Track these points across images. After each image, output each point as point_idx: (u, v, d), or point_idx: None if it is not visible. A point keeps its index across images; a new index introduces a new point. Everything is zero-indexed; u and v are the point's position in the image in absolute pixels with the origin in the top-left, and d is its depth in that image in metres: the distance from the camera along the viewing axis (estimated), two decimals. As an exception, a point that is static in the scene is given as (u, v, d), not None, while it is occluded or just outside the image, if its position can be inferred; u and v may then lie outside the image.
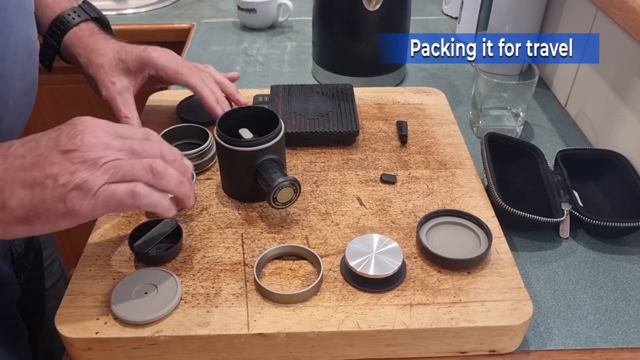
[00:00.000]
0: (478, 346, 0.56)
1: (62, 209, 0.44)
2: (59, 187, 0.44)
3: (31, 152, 0.45)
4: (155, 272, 0.58)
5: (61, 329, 0.53)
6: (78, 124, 0.46)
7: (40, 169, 0.44)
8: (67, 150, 0.44)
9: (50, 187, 0.44)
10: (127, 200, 0.46)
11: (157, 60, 0.69)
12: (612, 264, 0.67)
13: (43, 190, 0.44)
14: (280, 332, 0.53)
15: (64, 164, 0.44)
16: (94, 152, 0.45)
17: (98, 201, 0.45)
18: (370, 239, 0.60)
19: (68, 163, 0.44)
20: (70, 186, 0.44)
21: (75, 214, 0.45)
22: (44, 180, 0.44)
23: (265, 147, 0.64)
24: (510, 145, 0.79)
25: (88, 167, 0.44)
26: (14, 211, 0.44)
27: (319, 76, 1.05)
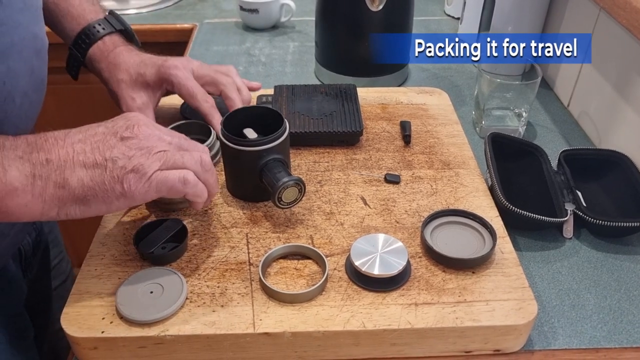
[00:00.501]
0: (483, 345, 0.56)
1: (119, 190, 0.48)
2: (117, 169, 0.48)
3: (90, 138, 0.48)
4: (160, 271, 0.58)
5: (67, 328, 0.53)
6: (132, 117, 0.51)
7: (100, 152, 0.48)
8: (124, 137, 0.49)
9: (110, 169, 0.48)
10: (178, 186, 0.51)
11: (174, 78, 0.69)
12: (615, 263, 0.67)
13: (103, 172, 0.48)
14: (286, 332, 0.53)
15: (122, 148, 0.48)
16: (149, 141, 0.50)
17: (152, 185, 0.49)
18: (375, 238, 0.60)
19: (126, 148, 0.48)
20: (129, 169, 0.48)
21: (130, 196, 0.49)
22: (104, 162, 0.48)
23: (270, 147, 0.64)
24: (513, 146, 0.79)
25: (144, 153, 0.49)
26: (74, 190, 0.47)
27: (321, 76, 1.05)
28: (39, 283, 0.77)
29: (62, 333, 0.53)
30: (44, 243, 0.78)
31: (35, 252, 0.74)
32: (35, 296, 0.75)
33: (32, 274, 0.74)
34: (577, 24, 0.95)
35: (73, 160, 0.47)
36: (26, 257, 0.71)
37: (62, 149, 0.48)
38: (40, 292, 0.78)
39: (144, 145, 0.49)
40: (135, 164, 0.48)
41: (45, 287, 0.80)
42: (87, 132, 0.49)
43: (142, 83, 0.70)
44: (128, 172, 0.48)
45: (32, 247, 0.72)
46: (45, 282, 0.79)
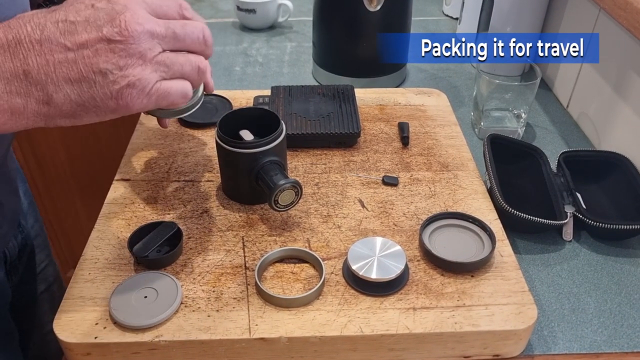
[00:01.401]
0: (482, 350, 0.55)
1: (113, 106, 0.43)
2: (109, 84, 0.42)
3: (70, 38, 0.41)
4: (155, 275, 0.57)
5: (60, 333, 0.52)
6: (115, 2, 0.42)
7: (86, 63, 0.41)
8: (111, 40, 0.41)
9: (100, 84, 0.42)
10: (179, 100, 0.46)
11: None
12: (616, 266, 0.66)
13: (92, 87, 0.42)
14: (282, 337, 0.52)
15: (110, 57, 0.41)
16: (142, 44, 0.42)
17: (151, 99, 0.44)
18: (373, 242, 0.59)
19: (115, 56, 0.41)
20: (123, 84, 0.42)
21: (125, 111, 0.44)
22: (92, 76, 0.41)
23: (266, 149, 0.63)
24: (512, 147, 0.79)
25: (139, 63, 0.42)
26: (61, 106, 0.42)
27: (319, 77, 1.04)
28: (24, 287, 0.75)
29: (49, 337, 0.52)
30: (30, 247, 0.76)
31: (20, 256, 0.73)
32: (20, 300, 0.74)
33: (17, 277, 0.73)
34: (576, 24, 0.94)
35: (55, 72, 0.41)
36: (11, 261, 0.70)
37: (39, 57, 0.40)
38: (26, 296, 0.77)
39: (135, 50, 0.42)
40: (131, 79, 0.42)
41: (31, 291, 0.78)
42: (63, 26, 0.41)
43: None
44: (123, 88, 0.42)
45: (17, 251, 0.71)
46: (30, 286, 0.78)
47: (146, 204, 0.67)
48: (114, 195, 0.68)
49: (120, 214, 0.66)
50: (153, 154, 0.75)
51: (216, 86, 1.03)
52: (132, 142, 0.78)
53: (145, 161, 0.74)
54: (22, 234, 0.73)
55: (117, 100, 0.43)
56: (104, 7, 0.42)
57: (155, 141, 0.78)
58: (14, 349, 0.71)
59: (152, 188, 0.70)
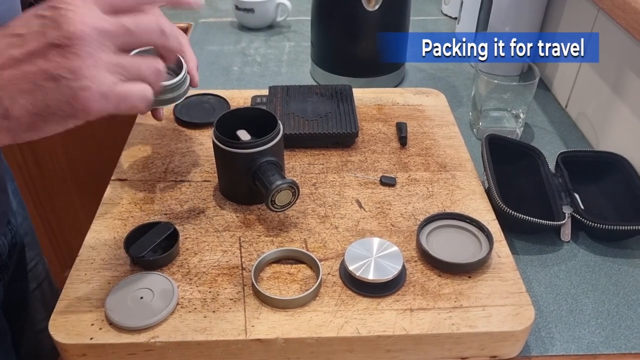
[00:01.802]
0: (479, 352, 0.55)
1: (69, 111, 0.41)
2: (62, 89, 0.40)
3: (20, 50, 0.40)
4: (151, 276, 0.57)
5: (55, 334, 0.52)
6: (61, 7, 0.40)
7: (37, 71, 0.40)
8: (59, 44, 0.39)
9: (53, 90, 0.40)
10: (140, 103, 0.44)
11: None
12: (613, 267, 0.66)
13: (45, 94, 0.40)
14: (279, 338, 0.52)
15: (61, 62, 0.40)
16: (91, 44, 0.40)
17: (110, 102, 0.42)
18: (370, 242, 0.59)
19: (65, 60, 0.40)
20: (76, 87, 0.40)
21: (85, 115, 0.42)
22: (44, 83, 0.40)
23: (263, 149, 0.63)
24: (510, 147, 0.78)
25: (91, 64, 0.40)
26: (20, 119, 0.41)
27: (317, 77, 1.04)
28: (15, 285, 0.75)
29: (41, 335, 0.52)
30: (20, 245, 0.76)
31: (10, 254, 0.72)
32: (11, 299, 0.74)
33: (7, 276, 0.72)
34: (575, 24, 0.94)
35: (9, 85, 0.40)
36: (1, 259, 0.70)
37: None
38: (17, 294, 0.76)
39: (85, 51, 0.40)
40: (84, 82, 0.40)
41: (22, 290, 0.78)
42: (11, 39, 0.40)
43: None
44: (77, 91, 0.40)
45: (7, 249, 0.71)
46: (21, 284, 0.78)
47: (143, 204, 0.67)
48: (111, 195, 0.68)
49: (116, 214, 0.66)
50: (150, 153, 0.75)
51: (214, 85, 1.04)
52: (129, 142, 0.77)
53: (142, 161, 0.74)
54: (11, 232, 0.72)
55: (73, 105, 0.41)
56: (51, 14, 0.40)
57: (152, 141, 0.78)
58: (7, 347, 0.71)
59: (148, 188, 0.69)
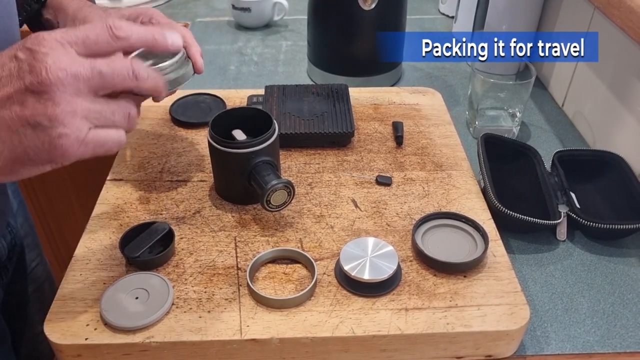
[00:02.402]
0: (474, 351, 0.55)
1: (47, 158, 0.42)
2: (40, 136, 0.40)
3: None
4: (146, 276, 0.57)
5: (50, 334, 0.52)
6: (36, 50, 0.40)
7: (14, 117, 0.40)
8: (36, 91, 0.40)
9: (31, 137, 0.40)
10: (115, 148, 0.45)
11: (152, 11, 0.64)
12: (609, 266, 0.66)
13: (23, 141, 0.40)
14: (274, 338, 0.52)
15: (38, 108, 0.40)
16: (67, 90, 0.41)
17: (88, 147, 0.43)
18: (365, 242, 0.59)
19: (42, 107, 0.40)
20: (55, 135, 0.40)
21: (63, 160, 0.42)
22: (23, 130, 0.40)
23: (258, 149, 0.63)
24: (507, 146, 0.78)
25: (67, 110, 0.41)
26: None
27: (314, 76, 1.04)
28: (15, 287, 0.75)
29: (41, 337, 0.52)
30: (20, 247, 0.76)
31: (10, 256, 0.72)
32: (11, 301, 0.74)
33: (7, 278, 0.72)
34: (571, 23, 0.94)
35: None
36: (1, 261, 0.70)
37: None
38: (17, 296, 0.76)
39: (62, 98, 0.40)
40: (62, 130, 0.40)
41: (22, 291, 0.78)
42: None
43: None
44: (55, 139, 0.40)
45: (7, 251, 0.71)
46: (21, 286, 0.78)
47: (138, 204, 0.67)
48: (107, 196, 0.68)
49: (112, 214, 0.66)
50: (146, 153, 0.75)
51: (211, 85, 1.04)
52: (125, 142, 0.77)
53: (138, 161, 0.74)
54: (11, 234, 0.72)
55: (51, 152, 0.41)
56: (25, 57, 0.40)
57: (148, 141, 0.77)
58: (7, 350, 0.71)
59: (144, 188, 0.69)
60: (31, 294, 0.80)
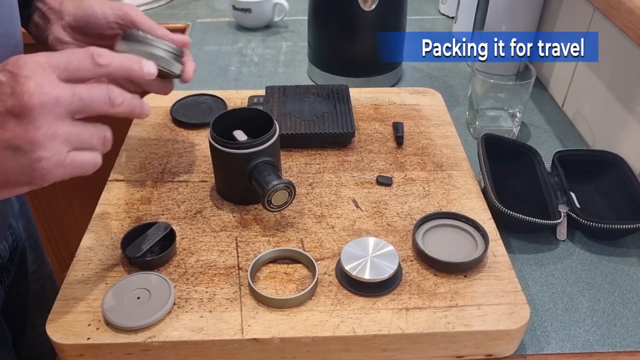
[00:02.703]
0: (475, 350, 0.55)
1: (26, 180, 0.42)
2: (21, 159, 0.41)
3: None
4: (148, 276, 0.57)
5: (52, 334, 0.52)
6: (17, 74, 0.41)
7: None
8: (17, 114, 0.40)
9: (12, 159, 0.41)
10: (91, 170, 0.46)
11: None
12: (609, 266, 0.67)
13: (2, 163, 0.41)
14: (275, 337, 0.52)
15: (19, 132, 0.40)
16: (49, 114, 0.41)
17: (67, 170, 0.43)
18: (366, 242, 0.59)
19: (23, 130, 0.40)
20: (35, 157, 0.41)
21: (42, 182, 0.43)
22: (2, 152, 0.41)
23: (259, 149, 0.63)
24: (507, 147, 0.79)
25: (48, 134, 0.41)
26: None
27: (314, 76, 1.04)
28: (16, 288, 0.75)
29: (42, 338, 0.52)
30: (22, 248, 0.76)
31: (12, 258, 0.72)
32: (12, 302, 0.74)
33: (8, 279, 0.72)
34: (571, 23, 0.94)
35: None
36: (2, 263, 0.70)
37: None
38: (18, 297, 0.77)
39: (43, 121, 0.41)
40: (42, 153, 0.41)
41: (23, 293, 0.78)
42: None
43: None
44: (34, 162, 0.41)
45: (8, 252, 0.71)
46: (22, 287, 0.78)
47: (140, 204, 0.67)
48: (108, 196, 0.68)
49: (113, 214, 0.66)
50: (147, 154, 0.75)
51: (211, 86, 1.04)
52: (126, 143, 0.78)
53: (139, 162, 0.74)
54: (13, 235, 0.73)
55: (31, 175, 0.42)
56: (7, 80, 0.41)
57: (149, 142, 0.78)
58: (7, 351, 0.71)
59: (145, 189, 0.70)
60: (32, 295, 0.80)
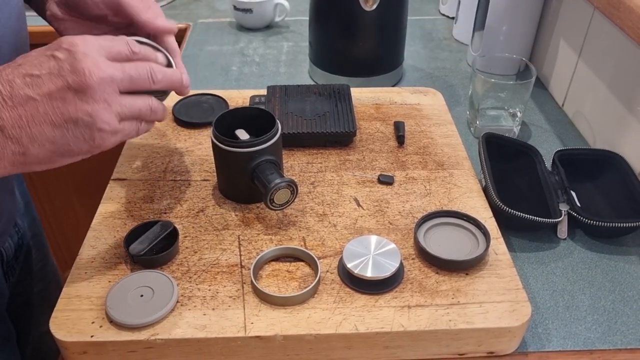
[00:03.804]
0: (476, 348, 0.55)
1: (86, 149, 0.47)
2: (81, 130, 0.45)
3: (38, 90, 0.44)
4: (151, 274, 0.57)
5: (56, 332, 0.52)
6: (75, 52, 0.45)
7: (57, 113, 0.44)
8: (77, 89, 0.44)
9: (72, 130, 0.45)
10: (135, 136, 0.52)
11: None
12: (610, 264, 0.67)
13: (65, 135, 0.45)
14: (278, 335, 0.53)
15: (79, 105, 0.45)
16: (105, 89, 0.46)
17: (118, 137, 0.49)
18: (368, 240, 0.59)
19: (83, 104, 0.45)
20: (95, 128, 0.46)
21: (98, 150, 0.48)
22: (64, 124, 0.45)
23: (262, 148, 0.63)
24: (507, 146, 0.79)
25: (104, 107, 0.46)
26: (37, 155, 0.45)
27: (315, 76, 1.04)
28: (21, 286, 0.76)
29: (46, 337, 0.53)
30: (27, 246, 0.77)
31: (17, 256, 0.73)
32: (17, 300, 0.74)
33: (14, 277, 0.73)
34: (571, 23, 0.95)
35: (29, 125, 0.44)
36: (8, 261, 0.70)
37: (12, 111, 0.43)
38: (23, 295, 0.77)
39: (100, 96, 0.46)
40: (100, 124, 0.46)
41: (28, 291, 0.79)
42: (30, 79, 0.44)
43: None
44: (94, 132, 0.46)
45: (13, 250, 0.71)
46: (27, 286, 0.78)
47: (142, 203, 0.68)
48: (111, 195, 0.69)
49: (116, 213, 0.66)
50: (149, 153, 0.76)
51: (213, 86, 1.04)
52: (129, 142, 0.78)
53: (141, 161, 0.74)
54: (18, 234, 0.73)
55: (90, 143, 0.46)
56: (65, 57, 0.45)
57: (151, 141, 0.78)
58: (11, 348, 0.71)
59: (148, 187, 0.70)
60: (37, 293, 0.80)
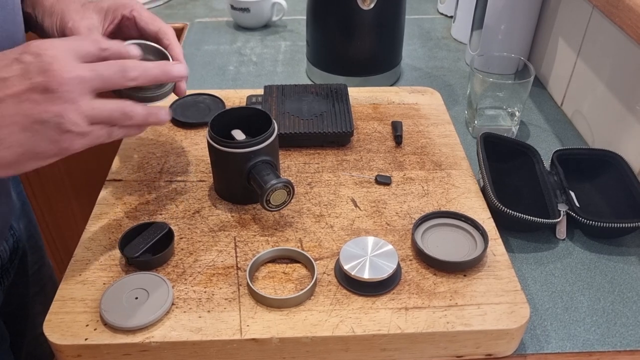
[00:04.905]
0: (474, 350, 0.55)
1: (54, 151, 0.45)
2: (49, 131, 0.44)
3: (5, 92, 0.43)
4: (146, 276, 0.57)
5: (50, 335, 0.52)
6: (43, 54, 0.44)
7: (25, 115, 0.43)
8: (46, 90, 0.43)
9: (41, 132, 0.44)
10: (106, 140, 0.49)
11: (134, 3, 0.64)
12: (609, 265, 0.66)
13: (33, 136, 0.44)
14: (274, 337, 0.52)
15: (47, 106, 0.44)
16: (74, 90, 0.45)
17: (88, 140, 0.47)
18: (365, 241, 0.59)
19: (52, 105, 0.44)
20: (63, 129, 0.44)
21: (66, 152, 0.46)
22: (33, 126, 0.44)
23: (258, 149, 0.63)
24: (506, 146, 0.78)
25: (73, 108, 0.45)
26: (4, 158, 0.44)
27: (313, 76, 1.04)
28: (16, 290, 0.75)
29: (41, 339, 0.52)
30: (22, 250, 0.76)
31: (12, 259, 0.72)
32: (11, 303, 0.74)
33: (8, 280, 0.72)
34: (570, 22, 0.94)
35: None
36: (2, 264, 0.70)
37: None
38: (17, 298, 0.76)
39: (69, 97, 0.44)
40: (68, 126, 0.44)
41: (23, 294, 0.78)
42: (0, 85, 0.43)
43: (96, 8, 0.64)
44: (62, 133, 0.45)
45: (8, 254, 0.71)
46: (22, 289, 0.78)
47: (138, 204, 0.67)
48: (106, 196, 0.68)
49: (111, 214, 0.66)
50: (145, 154, 0.75)
51: (210, 85, 1.04)
52: (124, 142, 0.77)
53: (137, 161, 0.74)
54: (13, 237, 0.72)
55: (58, 145, 0.45)
56: (32, 60, 0.44)
57: (147, 141, 0.77)
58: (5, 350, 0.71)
59: (143, 188, 0.69)
60: (33, 296, 0.80)
